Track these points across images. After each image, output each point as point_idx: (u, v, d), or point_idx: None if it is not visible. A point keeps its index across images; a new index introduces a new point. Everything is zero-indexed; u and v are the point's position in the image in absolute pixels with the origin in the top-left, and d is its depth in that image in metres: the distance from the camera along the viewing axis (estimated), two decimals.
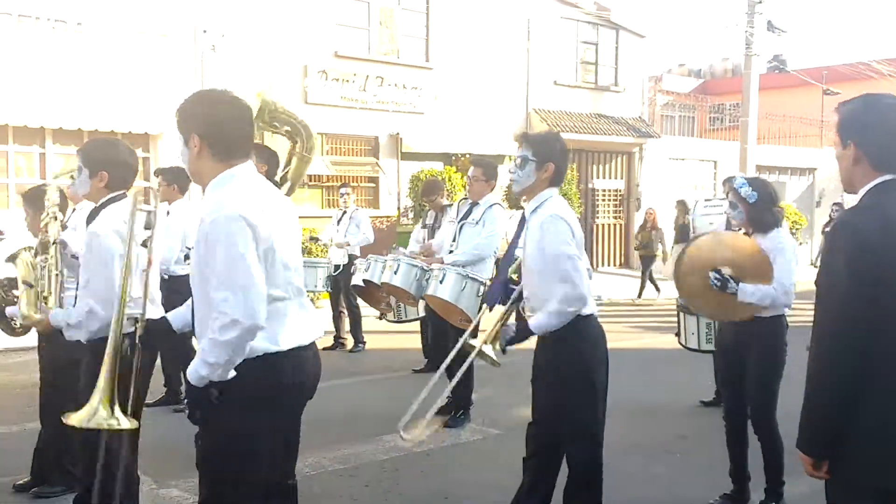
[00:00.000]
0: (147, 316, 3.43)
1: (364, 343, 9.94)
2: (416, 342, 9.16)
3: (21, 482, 4.99)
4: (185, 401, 2.89)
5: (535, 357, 3.98)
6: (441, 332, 6.68)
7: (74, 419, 3.19)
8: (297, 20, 15.23)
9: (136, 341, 3.32)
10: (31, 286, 4.18)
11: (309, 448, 5.78)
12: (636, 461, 5.73)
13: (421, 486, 5.19)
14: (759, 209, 4.70)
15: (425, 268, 6.16)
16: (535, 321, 3.80)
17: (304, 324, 2.96)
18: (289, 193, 6.16)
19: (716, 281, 4.53)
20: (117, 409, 3.19)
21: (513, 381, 6.78)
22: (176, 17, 13.84)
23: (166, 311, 3.73)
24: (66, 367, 4.72)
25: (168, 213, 6.85)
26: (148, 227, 3.55)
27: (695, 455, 5.92)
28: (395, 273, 6.21)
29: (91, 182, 3.84)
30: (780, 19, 19.95)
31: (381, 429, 6.36)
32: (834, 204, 13.09)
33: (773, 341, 4.69)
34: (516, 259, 4.21)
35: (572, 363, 3.79)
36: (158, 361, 6.08)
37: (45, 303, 4.14)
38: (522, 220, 3.99)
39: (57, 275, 4.19)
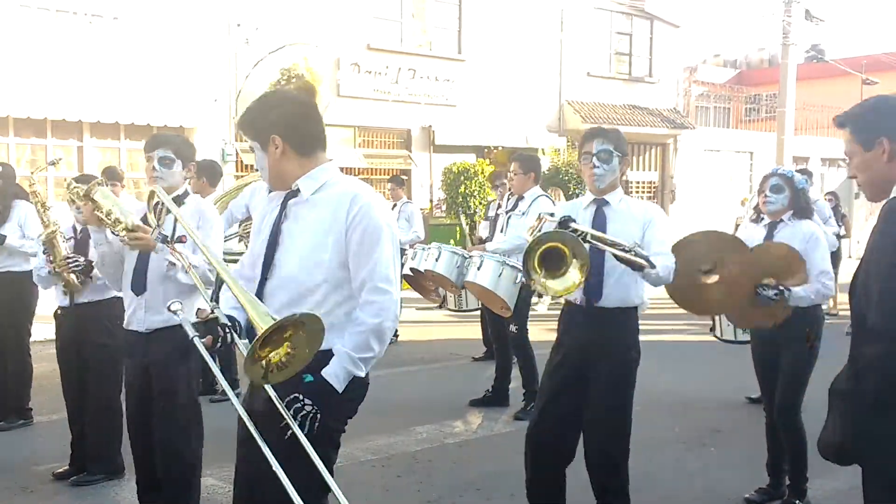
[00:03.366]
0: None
1: (397, 336, 9.97)
2: (450, 333, 9.18)
3: (61, 470, 5.08)
4: (227, 392, 2.79)
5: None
6: (498, 320, 6.71)
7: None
8: (330, 13, 15.27)
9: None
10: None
11: (341, 438, 5.83)
12: (672, 455, 5.69)
13: (453, 478, 5.19)
14: (804, 197, 4.71)
15: (466, 255, 6.19)
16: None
17: None
18: None
19: (773, 296, 4.35)
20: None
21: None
22: (210, 11, 13.95)
23: None
24: (95, 352, 4.88)
25: None
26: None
27: (730, 449, 5.86)
28: (437, 260, 6.24)
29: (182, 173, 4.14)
30: (818, 8, 19.67)
31: (414, 420, 6.39)
32: (827, 194, 12.65)
33: (808, 331, 4.62)
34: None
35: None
36: None
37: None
38: (600, 210, 3.98)
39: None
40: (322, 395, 2.59)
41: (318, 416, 2.56)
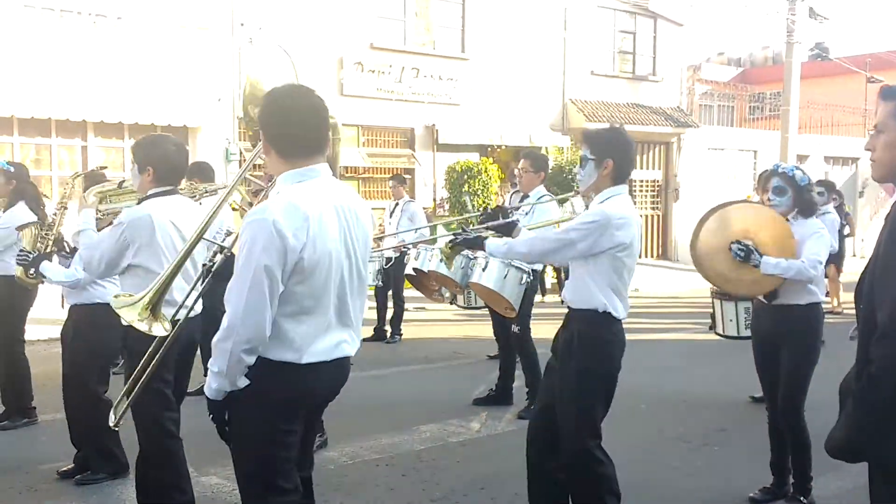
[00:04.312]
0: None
1: (401, 335, 9.99)
2: (453, 332, 9.18)
3: (65, 469, 5.09)
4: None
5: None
6: (500, 320, 6.72)
7: (117, 302, 3.33)
8: (333, 12, 15.27)
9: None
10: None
11: (346, 438, 5.85)
12: (677, 454, 5.69)
13: (458, 477, 5.20)
14: (807, 193, 4.67)
15: (470, 256, 6.19)
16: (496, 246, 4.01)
17: (339, 342, 2.90)
18: None
19: (739, 252, 4.48)
20: (157, 319, 3.30)
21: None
22: (214, 11, 13.96)
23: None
24: (88, 352, 4.90)
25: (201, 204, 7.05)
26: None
27: (734, 448, 5.86)
28: (441, 261, 6.26)
29: (141, 177, 4.05)
30: (823, 6, 19.57)
31: (418, 419, 6.39)
32: (831, 192, 12.62)
33: (809, 329, 4.62)
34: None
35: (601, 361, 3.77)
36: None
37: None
38: None
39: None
40: (209, 402, 2.84)
41: (212, 417, 2.85)
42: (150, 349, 3.39)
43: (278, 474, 2.85)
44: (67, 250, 5.17)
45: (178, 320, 3.35)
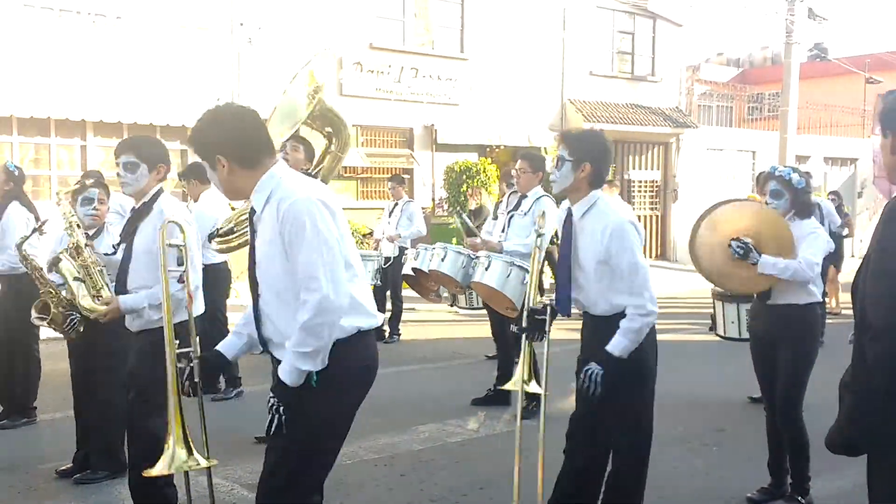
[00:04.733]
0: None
1: (399, 335, 9.99)
2: (452, 332, 9.19)
3: (64, 468, 5.09)
4: (228, 391, 2.92)
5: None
6: (498, 320, 6.72)
7: (157, 470, 3.18)
8: (333, 12, 15.27)
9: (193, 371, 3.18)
10: (82, 281, 4.26)
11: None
12: (676, 454, 5.69)
13: (457, 477, 5.20)
14: (804, 195, 4.69)
15: (472, 255, 6.19)
16: (616, 345, 3.71)
17: (373, 304, 3.05)
18: None
19: (738, 249, 4.49)
20: (193, 449, 3.20)
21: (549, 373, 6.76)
22: (213, 11, 13.96)
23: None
24: (104, 355, 4.86)
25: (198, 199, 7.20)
26: (180, 263, 3.61)
27: (733, 448, 5.87)
28: (443, 260, 6.25)
29: (150, 176, 4.03)
30: (822, 6, 19.62)
31: (417, 419, 6.40)
32: (830, 193, 12.73)
33: (807, 329, 4.63)
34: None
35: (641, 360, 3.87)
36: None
37: (100, 295, 4.21)
38: (568, 220, 3.84)
39: (100, 270, 4.29)
40: (283, 391, 2.79)
41: (280, 408, 2.77)
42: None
43: (326, 467, 2.95)
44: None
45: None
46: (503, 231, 6.68)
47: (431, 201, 17.04)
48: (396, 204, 10.15)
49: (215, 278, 6.81)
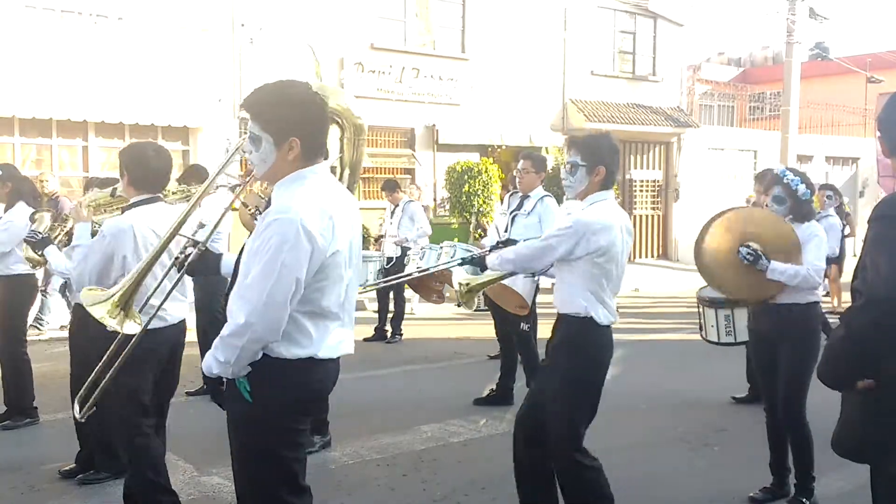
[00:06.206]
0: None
1: (401, 335, 10.00)
2: (454, 332, 9.19)
3: (67, 468, 5.10)
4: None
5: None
6: (502, 319, 6.74)
7: (87, 298, 3.30)
8: (334, 13, 15.29)
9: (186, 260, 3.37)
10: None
11: (347, 437, 5.86)
12: (678, 454, 5.70)
13: (458, 476, 5.21)
14: (806, 206, 4.73)
15: (480, 254, 6.19)
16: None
17: (341, 340, 2.87)
18: (351, 182, 6.27)
19: (747, 256, 4.52)
20: (129, 315, 3.29)
21: None
22: (215, 11, 13.97)
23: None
24: (94, 359, 4.88)
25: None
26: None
27: (735, 448, 5.86)
28: (452, 259, 6.24)
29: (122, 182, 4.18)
30: (823, 6, 19.59)
31: (419, 419, 6.40)
32: (823, 187, 12.62)
33: (808, 329, 4.64)
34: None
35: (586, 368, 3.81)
36: (197, 352, 6.20)
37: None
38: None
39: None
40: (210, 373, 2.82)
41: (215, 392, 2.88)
42: (113, 344, 3.39)
43: (298, 476, 2.82)
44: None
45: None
46: (506, 231, 6.69)
47: (433, 201, 17.04)
48: (396, 207, 10.16)
49: (216, 278, 6.80)
